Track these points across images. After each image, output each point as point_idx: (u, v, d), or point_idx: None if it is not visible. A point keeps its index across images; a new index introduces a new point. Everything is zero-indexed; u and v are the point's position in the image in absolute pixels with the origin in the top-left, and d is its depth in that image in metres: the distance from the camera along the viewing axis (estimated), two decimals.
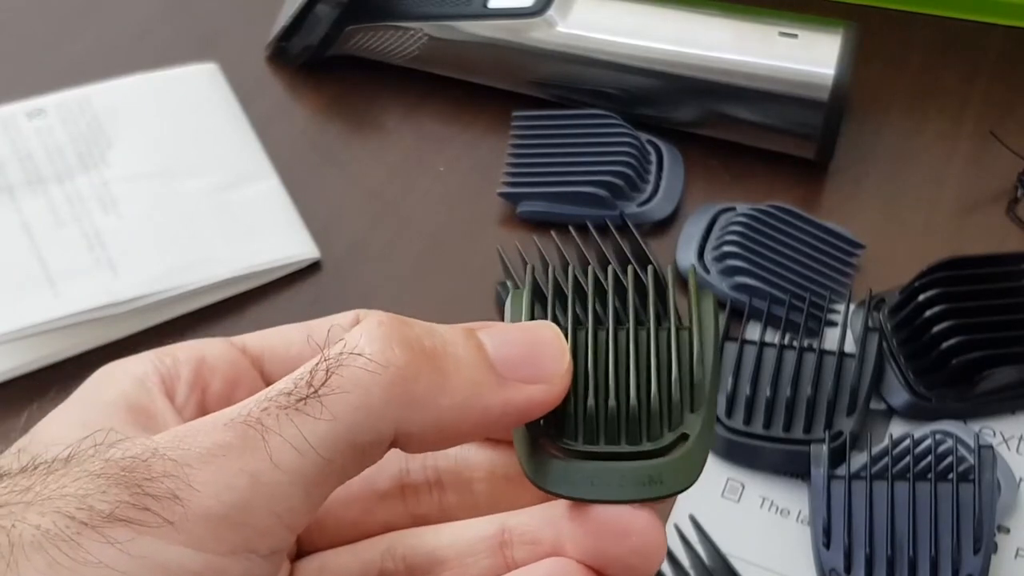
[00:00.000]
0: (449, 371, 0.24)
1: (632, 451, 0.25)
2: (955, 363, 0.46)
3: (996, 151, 0.57)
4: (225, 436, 0.22)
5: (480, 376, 0.24)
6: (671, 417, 0.26)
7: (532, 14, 0.58)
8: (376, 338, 0.23)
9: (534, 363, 0.25)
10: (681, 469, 0.25)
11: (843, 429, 0.46)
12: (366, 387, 0.23)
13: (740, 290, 0.51)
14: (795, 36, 0.55)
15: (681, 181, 0.57)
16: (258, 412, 0.22)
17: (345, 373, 0.23)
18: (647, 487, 0.25)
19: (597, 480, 0.25)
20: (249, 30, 0.64)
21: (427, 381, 0.23)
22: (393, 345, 0.23)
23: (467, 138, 0.60)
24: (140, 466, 0.22)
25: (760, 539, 0.45)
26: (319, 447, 0.22)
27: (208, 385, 0.28)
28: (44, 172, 0.56)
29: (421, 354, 0.23)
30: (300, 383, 0.23)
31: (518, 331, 0.25)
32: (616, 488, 0.25)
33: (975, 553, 0.42)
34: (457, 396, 0.24)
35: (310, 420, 0.22)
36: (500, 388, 0.24)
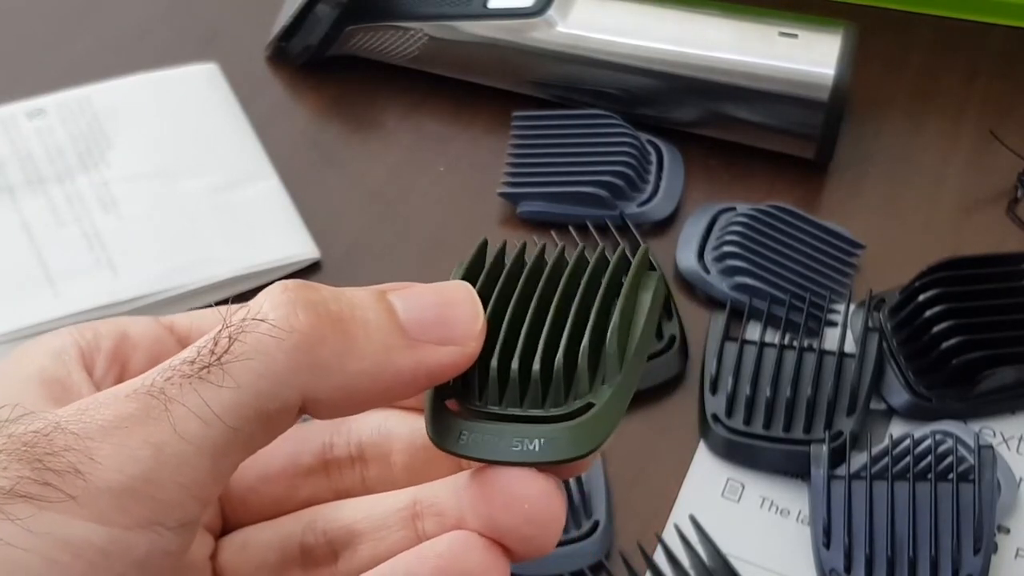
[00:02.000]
0: (356, 335, 0.23)
1: (531, 415, 0.25)
2: (955, 363, 0.46)
3: (996, 151, 0.57)
4: (127, 407, 0.22)
5: (389, 339, 0.24)
6: (578, 386, 0.25)
7: (532, 14, 0.58)
8: (279, 304, 0.23)
9: (446, 325, 0.24)
10: (575, 437, 0.24)
11: (843, 429, 0.46)
12: (270, 353, 0.22)
13: (740, 290, 0.51)
14: (795, 36, 0.55)
15: (681, 181, 0.57)
16: (161, 382, 0.22)
17: (248, 340, 0.22)
18: (536, 451, 0.24)
19: (491, 441, 0.24)
20: (249, 30, 0.64)
21: (333, 345, 0.23)
22: (297, 310, 0.23)
23: (467, 138, 0.60)
24: (41, 440, 0.21)
25: (760, 539, 0.45)
26: (224, 416, 0.22)
27: (129, 359, 0.27)
28: (44, 172, 0.56)
29: (326, 318, 0.23)
30: (203, 351, 0.22)
31: (431, 292, 0.25)
32: (510, 450, 0.24)
33: (975, 553, 0.42)
34: (365, 360, 0.23)
35: (213, 388, 0.22)
36: (410, 350, 0.24)
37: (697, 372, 0.50)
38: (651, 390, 0.49)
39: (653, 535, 0.44)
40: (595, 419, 0.24)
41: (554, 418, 0.25)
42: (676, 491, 0.46)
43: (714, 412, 0.47)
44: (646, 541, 0.44)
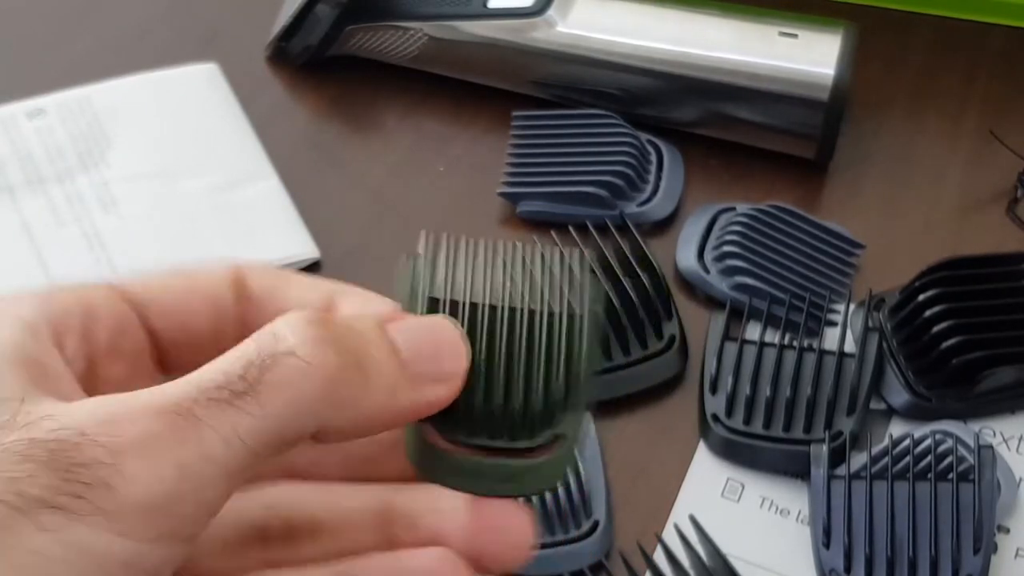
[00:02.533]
0: (371, 374, 0.24)
1: (509, 447, 0.26)
2: (955, 363, 0.46)
3: (996, 151, 0.57)
4: (157, 425, 0.22)
5: (395, 378, 0.25)
6: (549, 416, 0.26)
7: (532, 14, 0.58)
8: (308, 339, 0.24)
9: (438, 363, 0.26)
10: (551, 470, 0.27)
11: (843, 429, 0.46)
12: (298, 386, 0.23)
13: (740, 290, 0.51)
14: (795, 36, 0.55)
15: (681, 181, 0.57)
16: (189, 403, 0.23)
17: (278, 372, 0.23)
18: (515, 484, 0.26)
19: (472, 473, 0.26)
20: (249, 30, 0.64)
21: (353, 383, 0.24)
22: (327, 347, 0.24)
23: (467, 138, 0.60)
24: (70, 449, 0.22)
25: (760, 539, 0.45)
26: (248, 440, 0.23)
27: (96, 336, 0.27)
28: (44, 172, 0.56)
29: (349, 356, 0.24)
30: (232, 376, 0.23)
31: (424, 330, 0.26)
32: (489, 483, 0.26)
33: (975, 553, 0.42)
34: (377, 397, 0.25)
35: (242, 415, 0.23)
36: (411, 390, 0.25)
37: (697, 372, 0.50)
38: (651, 390, 0.49)
39: (653, 535, 0.44)
40: (567, 449, 0.26)
41: (530, 450, 0.26)
42: (676, 491, 0.47)
43: (714, 412, 0.47)
44: (646, 541, 0.44)
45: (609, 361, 0.49)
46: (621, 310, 0.49)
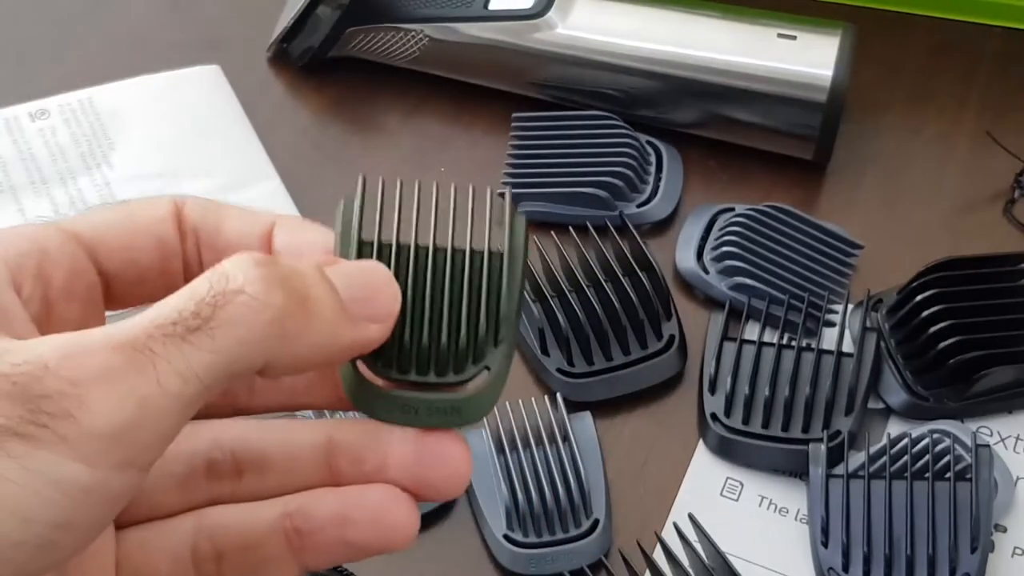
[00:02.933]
0: (313, 312, 0.26)
1: (438, 382, 0.28)
2: (952, 363, 0.46)
3: (993, 152, 0.57)
4: (116, 359, 0.23)
5: (336, 316, 0.26)
6: (476, 350, 0.28)
7: (532, 16, 0.58)
8: (257, 278, 0.25)
9: (373, 303, 0.27)
10: (476, 403, 0.28)
11: (841, 428, 0.46)
12: (248, 323, 0.24)
13: (739, 290, 0.51)
14: (793, 38, 0.56)
15: (680, 182, 0.57)
16: (145, 337, 0.24)
17: (229, 309, 0.24)
18: (447, 417, 0.28)
19: (407, 408, 0.28)
20: (251, 32, 0.64)
21: (298, 321, 0.25)
22: (273, 286, 0.25)
23: (467, 139, 0.61)
24: (33, 382, 0.23)
25: (759, 538, 0.45)
26: (202, 375, 0.24)
27: (51, 279, 0.28)
28: (47, 173, 0.56)
29: (295, 295, 0.25)
30: (185, 313, 0.24)
31: (359, 272, 0.28)
32: (423, 417, 0.28)
33: (972, 552, 0.42)
34: (319, 335, 0.26)
35: (195, 350, 0.24)
36: (350, 327, 0.27)
37: (696, 372, 0.50)
38: (650, 389, 0.49)
39: (652, 534, 0.44)
40: (491, 384, 0.28)
41: (457, 383, 0.28)
42: (675, 490, 0.47)
43: (713, 411, 0.48)
44: (645, 540, 0.44)
45: (609, 361, 0.49)
46: (621, 310, 0.49)
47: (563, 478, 0.45)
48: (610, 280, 0.50)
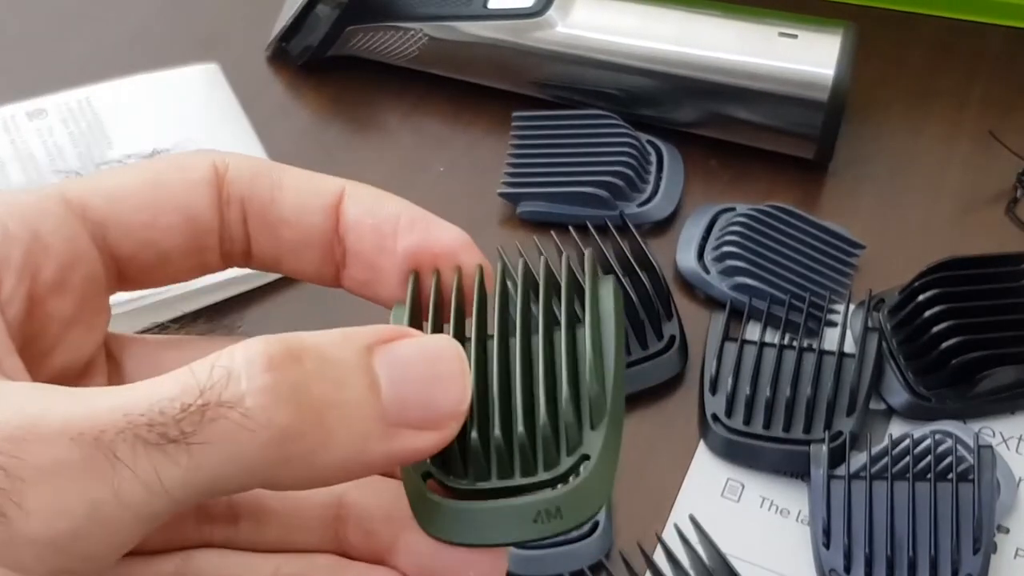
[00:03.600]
0: (334, 427, 0.21)
1: (526, 483, 0.22)
2: (955, 363, 0.46)
3: (995, 151, 0.57)
4: (69, 454, 0.19)
5: (367, 427, 0.21)
6: (568, 438, 0.23)
7: (532, 15, 0.58)
8: (262, 388, 0.20)
9: (430, 407, 0.22)
10: (581, 498, 0.22)
11: (843, 429, 0.46)
12: (241, 445, 0.20)
13: (740, 290, 0.51)
14: (795, 36, 0.55)
15: (681, 181, 0.57)
16: (113, 433, 0.19)
17: (218, 427, 0.20)
18: (545, 524, 0.22)
19: (491, 521, 0.22)
20: (250, 30, 0.64)
21: (309, 441, 0.20)
22: (280, 403, 0.20)
23: (467, 138, 0.60)
24: None
25: (760, 539, 0.45)
26: (173, 490, 0.20)
27: (40, 270, 0.23)
28: (45, 172, 0.56)
29: (308, 411, 0.20)
30: (166, 417, 0.19)
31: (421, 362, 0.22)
32: (513, 528, 0.22)
33: (974, 553, 0.42)
34: (338, 453, 0.21)
35: (169, 463, 0.19)
36: (386, 440, 0.21)
37: (697, 372, 0.50)
38: (651, 390, 0.49)
39: (653, 535, 0.44)
40: (595, 473, 0.22)
41: (551, 481, 0.23)
42: (676, 491, 0.47)
43: (714, 412, 0.47)
44: (646, 541, 0.44)
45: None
46: None
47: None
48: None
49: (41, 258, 0.23)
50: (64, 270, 0.23)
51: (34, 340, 0.23)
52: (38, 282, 0.23)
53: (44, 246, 0.23)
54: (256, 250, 0.25)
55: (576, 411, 0.23)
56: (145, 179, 0.24)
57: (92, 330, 0.25)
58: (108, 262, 0.24)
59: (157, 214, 0.24)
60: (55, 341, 0.24)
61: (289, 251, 0.25)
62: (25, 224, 0.23)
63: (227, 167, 0.25)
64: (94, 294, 0.24)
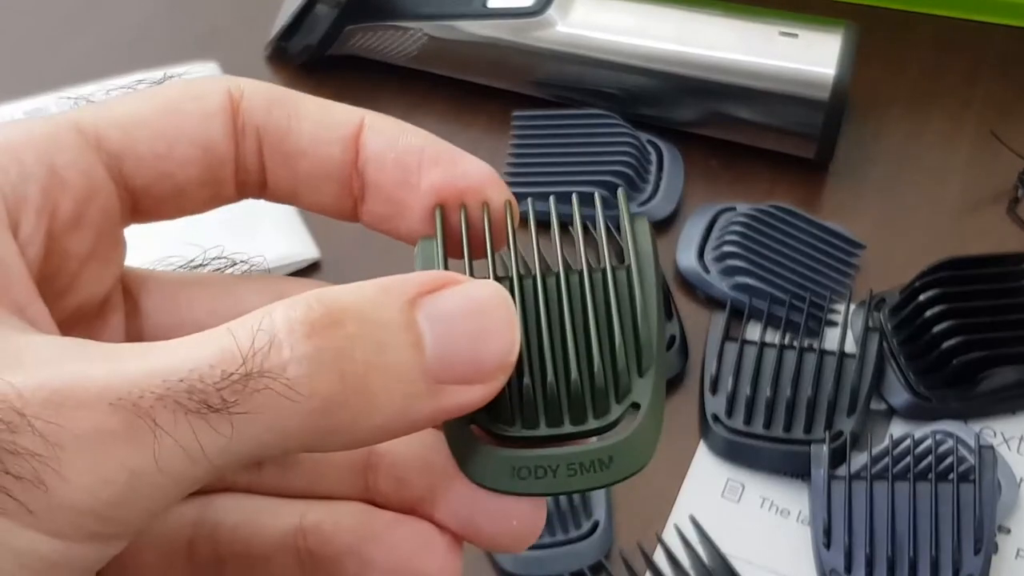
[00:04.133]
0: (378, 392, 0.20)
1: (576, 431, 0.22)
2: (956, 363, 0.46)
3: (997, 151, 0.57)
4: (109, 421, 0.18)
5: (413, 388, 0.20)
6: (618, 385, 0.22)
7: (532, 14, 0.58)
8: (303, 357, 0.19)
9: (477, 362, 0.21)
10: (633, 448, 0.22)
11: (843, 429, 0.46)
12: (283, 414, 0.19)
13: (740, 290, 0.51)
14: (795, 36, 0.55)
15: (681, 181, 0.57)
16: (152, 399, 0.19)
17: (262, 397, 0.19)
18: (597, 474, 0.22)
19: (541, 469, 0.22)
20: (249, 30, 0.64)
21: (352, 409, 0.20)
22: (323, 372, 0.19)
23: (467, 138, 0.60)
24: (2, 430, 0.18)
25: (760, 539, 0.45)
26: (214, 458, 0.19)
27: (58, 207, 0.22)
28: None
29: (352, 378, 0.19)
30: (207, 385, 0.19)
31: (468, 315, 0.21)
32: (563, 479, 0.22)
33: (976, 553, 0.42)
34: (382, 417, 0.20)
35: (211, 431, 0.19)
36: (432, 399, 0.20)
37: (697, 372, 0.50)
38: None
39: (653, 535, 0.44)
40: (647, 422, 0.22)
41: (601, 429, 0.22)
42: (676, 491, 0.46)
43: (714, 412, 0.47)
44: (646, 541, 0.44)
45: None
46: None
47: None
48: None
49: (59, 194, 0.22)
50: (81, 205, 0.22)
51: (52, 279, 0.22)
52: (56, 219, 0.22)
53: (61, 181, 0.22)
54: (272, 182, 0.25)
55: (628, 356, 0.22)
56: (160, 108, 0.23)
57: (109, 265, 0.24)
58: (123, 194, 0.23)
59: (173, 145, 0.23)
60: (72, 279, 0.23)
61: (306, 183, 0.25)
62: (40, 158, 0.22)
63: (242, 95, 0.24)
64: (110, 228, 0.23)
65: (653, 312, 0.23)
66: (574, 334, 0.22)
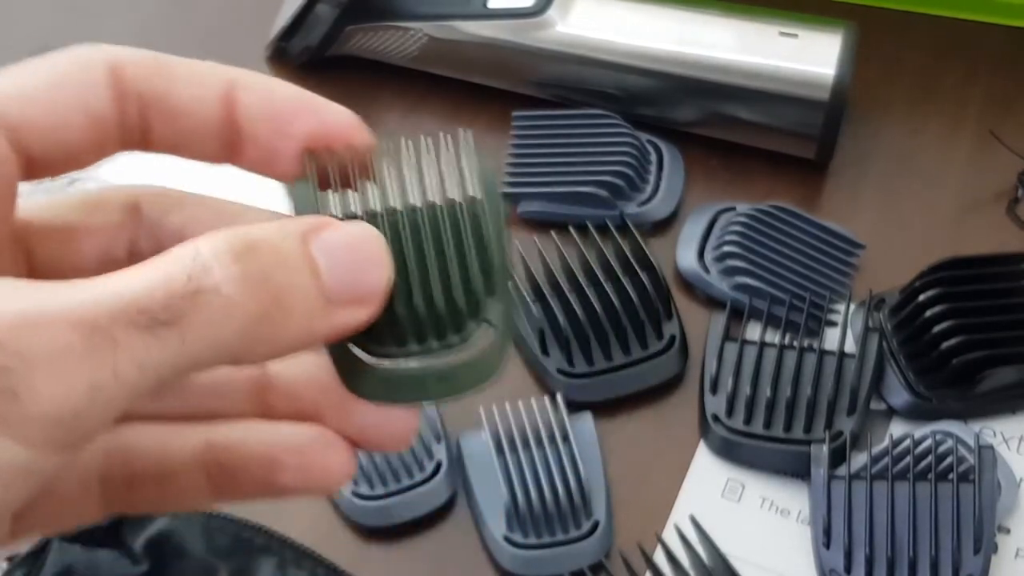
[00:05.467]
0: (291, 309, 0.24)
1: (441, 346, 0.26)
2: (955, 363, 0.46)
3: (996, 151, 0.57)
4: (72, 338, 0.22)
5: (314, 307, 0.24)
6: (472, 306, 0.26)
7: (532, 14, 0.58)
8: (234, 277, 0.23)
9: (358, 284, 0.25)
10: (488, 358, 0.26)
11: (843, 429, 0.46)
12: (219, 326, 0.23)
13: (740, 290, 0.51)
14: (795, 36, 0.55)
15: (681, 181, 0.57)
16: (108, 320, 0.22)
17: (203, 311, 0.23)
18: (460, 381, 0.26)
19: (411, 380, 0.26)
20: (249, 30, 0.64)
21: (272, 323, 0.23)
22: (250, 289, 0.23)
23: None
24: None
25: (760, 539, 0.45)
26: (160, 369, 0.22)
27: None
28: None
29: (272, 295, 0.23)
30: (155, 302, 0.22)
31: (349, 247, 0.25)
32: (433, 387, 0.26)
33: (975, 553, 0.42)
34: (294, 331, 0.24)
35: (158, 346, 0.22)
36: (328, 317, 0.24)
37: (697, 372, 0.50)
38: (651, 390, 0.49)
39: (653, 535, 0.44)
40: (501, 335, 0.26)
41: (461, 343, 0.26)
42: (676, 491, 0.46)
43: (714, 412, 0.47)
44: (646, 541, 0.44)
45: (609, 361, 0.49)
46: (621, 310, 0.49)
47: (563, 479, 0.44)
48: (610, 280, 0.50)
49: None
50: None
51: None
52: None
53: None
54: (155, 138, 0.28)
55: (481, 279, 0.26)
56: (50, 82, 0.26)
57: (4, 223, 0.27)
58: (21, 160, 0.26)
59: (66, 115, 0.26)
60: None
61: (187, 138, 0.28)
62: None
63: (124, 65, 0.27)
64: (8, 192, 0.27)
65: (499, 241, 0.26)
66: (435, 262, 0.26)
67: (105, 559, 0.40)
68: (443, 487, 0.45)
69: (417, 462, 0.45)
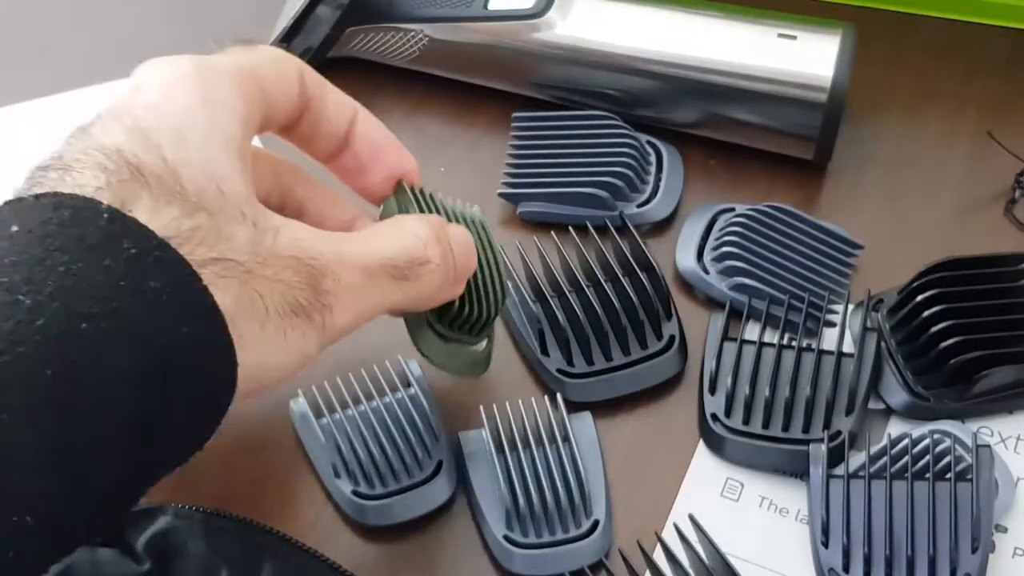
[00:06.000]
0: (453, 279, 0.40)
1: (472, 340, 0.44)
2: (953, 363, 0.46)
3: (994, 152, 0.57)
4: (362, 278, 0.34)
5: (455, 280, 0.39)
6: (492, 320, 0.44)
7: (532, 16, 0.58)
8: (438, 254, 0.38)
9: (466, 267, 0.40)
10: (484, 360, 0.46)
11: (841, 429, 0.46)
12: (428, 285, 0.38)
13: (739, 290, 0.51)
14: (794, 37, 0.56)
15: (680, 182, 0.57)
16: (377, 268, 0.35)
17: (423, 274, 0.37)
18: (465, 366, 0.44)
19: (455, 356, 0.43)
20: (250, 32, 0.64)
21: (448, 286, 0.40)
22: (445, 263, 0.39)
23: (467, 139, 0.61)
24: (319, 276, 0.32)
25: (759, 538, 0.45)
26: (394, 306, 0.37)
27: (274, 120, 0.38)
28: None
29: (451, 268, 0.39)
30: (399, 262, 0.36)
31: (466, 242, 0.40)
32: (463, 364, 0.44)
33: (973, 552, 0.42)
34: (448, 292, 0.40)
35: (399, 291, 0.36)
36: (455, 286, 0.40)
37: (696, 372, 0.50)
38: (650, 390, 0.49)
39: (653, 534, 0.44)
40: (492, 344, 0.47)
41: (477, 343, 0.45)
42: (675, 490, 0.47)
43: (713, 412, 0.48)
44: (646, 540, 0.44)
45: (609, 361, 0.49)
46: (620, 310, 0.49)
47: (563, 478, 0.45)
48: (610, 280, 0.50)
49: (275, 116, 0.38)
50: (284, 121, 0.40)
51: None
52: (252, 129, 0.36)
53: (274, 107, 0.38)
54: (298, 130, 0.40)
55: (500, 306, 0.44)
56: (274, 68, 0.37)
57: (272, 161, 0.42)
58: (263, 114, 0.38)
59: (287, 85, 0.38)
60: None
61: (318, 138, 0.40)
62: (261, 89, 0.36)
63: (304, 70, 0.39)
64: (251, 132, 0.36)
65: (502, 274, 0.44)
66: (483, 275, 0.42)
67: (107, 558, 0.40)
68: (443, 487, 0.45)
69: (417, 462, 0.46)
